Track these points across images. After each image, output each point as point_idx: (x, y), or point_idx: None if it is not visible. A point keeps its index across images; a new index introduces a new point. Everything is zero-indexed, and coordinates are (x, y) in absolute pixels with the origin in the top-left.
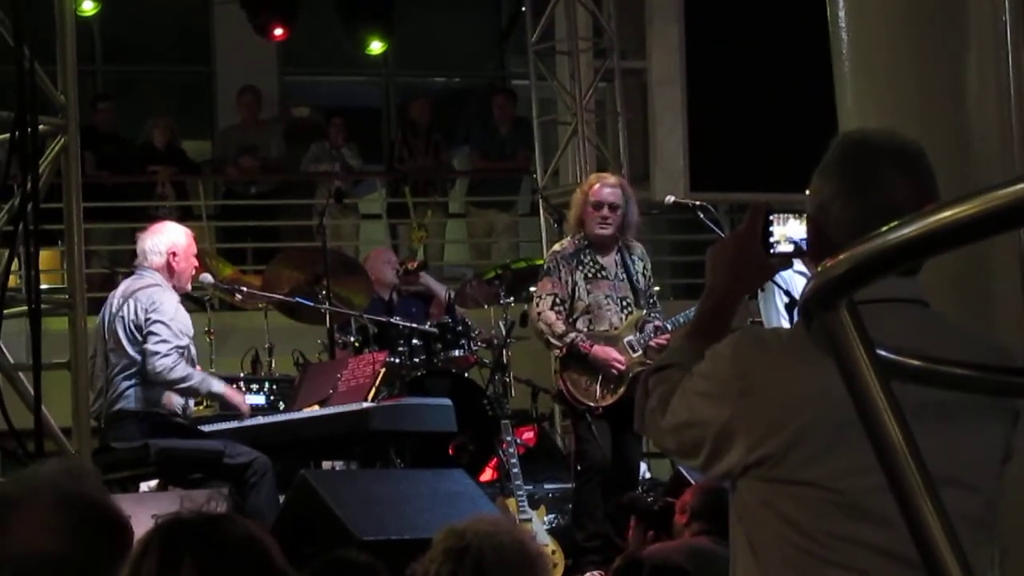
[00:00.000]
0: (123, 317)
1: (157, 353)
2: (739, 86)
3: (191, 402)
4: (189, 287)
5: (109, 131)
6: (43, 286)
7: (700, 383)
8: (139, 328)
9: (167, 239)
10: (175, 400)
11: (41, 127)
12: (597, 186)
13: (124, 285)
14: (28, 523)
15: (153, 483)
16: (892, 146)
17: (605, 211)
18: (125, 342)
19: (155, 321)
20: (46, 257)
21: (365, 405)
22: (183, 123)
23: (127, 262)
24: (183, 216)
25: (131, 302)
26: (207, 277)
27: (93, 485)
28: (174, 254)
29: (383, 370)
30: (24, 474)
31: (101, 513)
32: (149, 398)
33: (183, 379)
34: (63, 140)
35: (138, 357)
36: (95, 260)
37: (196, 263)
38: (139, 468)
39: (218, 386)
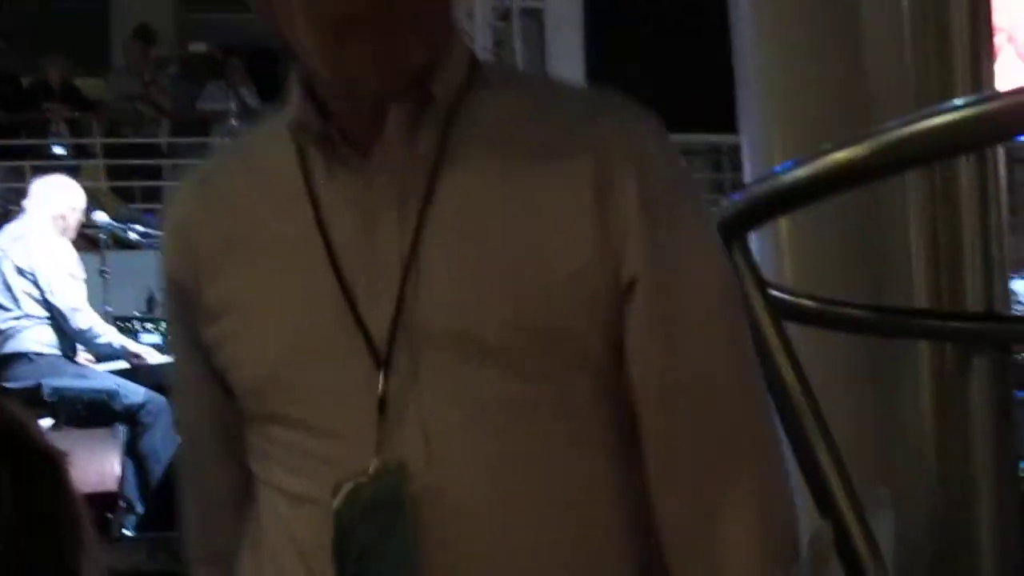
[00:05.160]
0: (13, 259)
1: (76, 309)
2: (638, 27)
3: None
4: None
5: (3, 70)
6: None
7: None
8: (32, 273)
9: (66, 193)
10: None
11: None
12: None
13: (12, 227)
14: None
15: (47, 423)
16: None
17: None
18: (15, 285)
19: (60, 273)
20: None
21: None
22: (77, 61)
23: (20, 200)
24: (77, 154)
25: (21, 245)
26: (101, 216)
27: None
28: (73, 208)
29: None
30: None
31: None
32: (42, 339)
33: (99, 335)
34: None
35: (27, 299)
36: None
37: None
38: (32, 409)
39: (119, 339)
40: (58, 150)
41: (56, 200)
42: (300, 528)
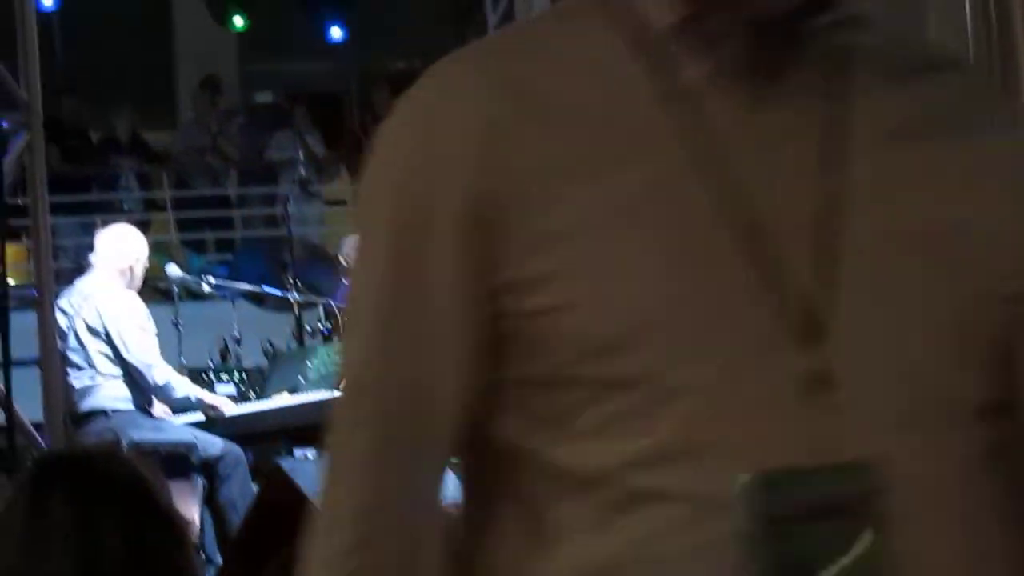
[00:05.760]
0: (85, 319)
1: (152, 365)
2: None
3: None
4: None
5: (73, 124)
6: (10, 282)
7: None
8: (104, 331)
9: (131, 243)
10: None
11: (4, 124)
12: None
13: (80, 284)
14: None
15: None
16: None
17: None
18: (88, 343)
19: (132, 329)
20: (12, 252)
21: (337, 393)
22: (145, 113)
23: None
24: (147, 207)
25: (92, 303)
26: (174, 268)
27: None
28: (138, 259)
29: None
30: None
31: None
32: (117, 396)
33: (176, 388)
34: (27, 136)
35: (100, 358)
36: (61, 254)
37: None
38: None
39: (195, 391)
40: (128, 204)
41: (119, 253)
42: (650, 536)
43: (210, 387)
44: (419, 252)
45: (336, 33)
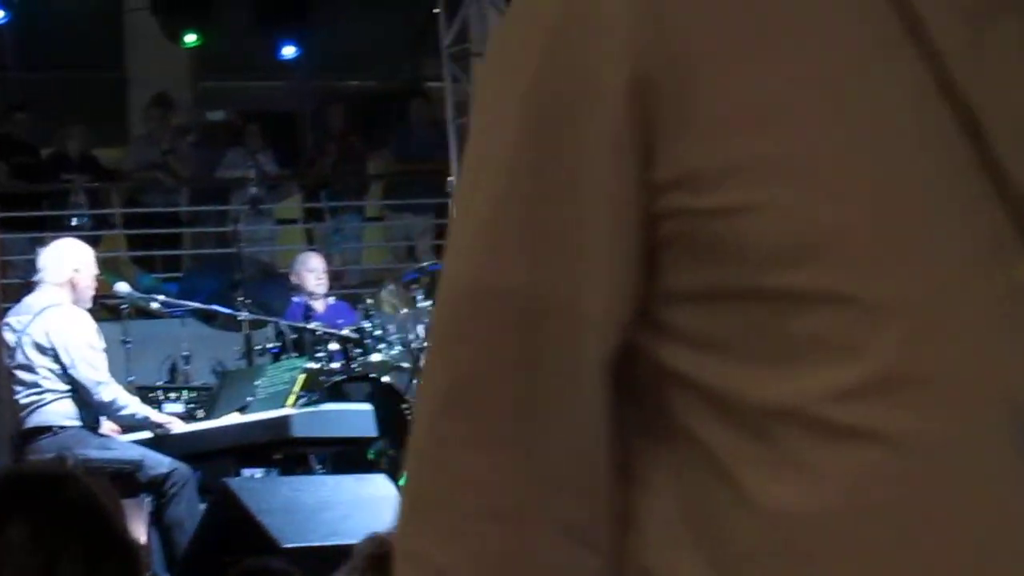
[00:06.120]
0: (33, 335)
1: (100, 383)
2: None
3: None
4: (89, 304)
5: (23, 140)
6: None
7: None
8: (52, 348)
9: (72, 255)
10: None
11: None
12: None
13: (29, 301)
14: None
15: None
16: None
17: None
18: (35, 360)
19: (81, 346)
20: None
21: (285, 412)
22: (96, 131)
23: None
24: (97, 225)
25: (40, 321)
26: (123, 286)
27: None
28: (77, 271)
29: (302, 376)
30: None
31: None
32: (64, 413)
33: (124, 407)
34: None
35: (48, 375)
36: (10, 270)
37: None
38: None
39: (143, 410)
40: (78, 221)
41: (60, 266)
42: (861, 484)
43: (159, 405)
44: (565, 132)
45: (289, 52)
